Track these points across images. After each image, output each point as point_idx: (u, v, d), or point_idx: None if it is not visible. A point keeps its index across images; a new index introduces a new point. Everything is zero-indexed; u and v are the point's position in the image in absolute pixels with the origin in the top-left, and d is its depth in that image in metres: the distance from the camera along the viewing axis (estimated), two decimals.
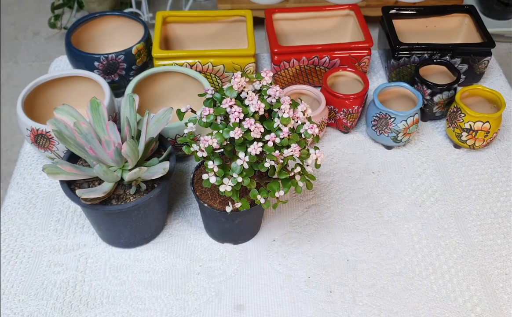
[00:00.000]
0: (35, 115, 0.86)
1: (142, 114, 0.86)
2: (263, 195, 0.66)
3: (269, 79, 0.68)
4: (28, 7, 2.54)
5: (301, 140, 0.66)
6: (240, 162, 0.63)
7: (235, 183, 0.64)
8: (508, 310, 0.72)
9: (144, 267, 0.76)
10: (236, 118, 0.63)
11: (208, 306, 0.72)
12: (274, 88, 0.65)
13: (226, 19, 1.06)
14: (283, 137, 0.63)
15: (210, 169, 0.65)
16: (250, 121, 0.63)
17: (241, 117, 0.64)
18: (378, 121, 0.90)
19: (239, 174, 0.64)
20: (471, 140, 0.90)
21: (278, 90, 0.65)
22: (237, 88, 0.66)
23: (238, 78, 0.66)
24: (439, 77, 0.98)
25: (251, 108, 0.64)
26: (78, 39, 1.02)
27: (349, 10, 1.07)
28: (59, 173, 0.69)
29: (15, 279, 0.75)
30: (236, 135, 0.63)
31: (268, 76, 0.68)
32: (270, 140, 0.63)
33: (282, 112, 0.64)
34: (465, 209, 0.85)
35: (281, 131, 0.64)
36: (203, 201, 0.73)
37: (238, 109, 0.64)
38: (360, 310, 0.72)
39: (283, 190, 0.66)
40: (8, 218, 0.82)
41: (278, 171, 0.64)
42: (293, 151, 0.63)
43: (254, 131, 0.63)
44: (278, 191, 0.66)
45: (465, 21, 1.09)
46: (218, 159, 0.66)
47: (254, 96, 0.65)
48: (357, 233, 0.81)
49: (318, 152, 0.66)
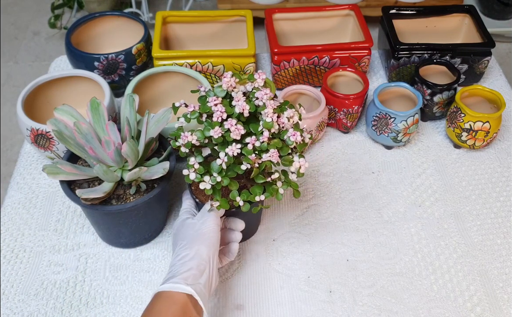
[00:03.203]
0: (35, 115, 0.86)
1: (142, 114, 0.86)
2: (243, 197, 0.66)
3: (261, 82, 0.67)
4: (28, 7, 2.54)
5: (283, 147, 0.65)
6: (219, 162, 0.63)
7: (215, 181, 0.64)
8: (508, 310, 0.72)
9: (144, 266, 0.76)
10: (218, 117, 0.63)
11: (208, 306, 0.72)
12: (263, 91, 0.65)
13: (226, 19, 1.06)
14: (263, 141, 0.63)
15: (191, 165, 0.65)
16: (232, 122, 0.62)
17: (224, 117, 0.63)
18: (378, 121, 0.90)
19: (219, 173, 0.64)
20: (471, 140, 0.90)
21: (267, 93, 0.65)
22: (226, 87, 0.66)
23: (228, 78, 0.66)
24: (439, 77, 0.98)
25: (236, 109, 0.64)
26: (78, 39, 1.02)
27: (349, 10, 1.07)
28: (59, 173, 0.69)
29: (15, 279, 0.75)
30: (215, 134, 0.63)
31: (260, 78, 0.67)
32: (250, 143, 0.63)
33: (265, 116, 0.63)
34: (465, 208, 0.85)
35: (262, 135, 0.63)
36: (199, 199, 0.73)
37: (221, 109, 0.63)
38: (360, 310, 0.72)
39: (265, 194, 0.66)
40: (8, 218, 0.82)
41: (254, 175, 0.64)
42: (271, 157, 0.62)
43: (233, 132, 0.62)
44: (259, 194, 0.66)
45: (465, 21, 1.09)
46: (200, 156, 0.66)
47: (241, 98, 0.65)
48: (357, 233, 0.81)
49: (302, 161, 0.65)
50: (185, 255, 0.64)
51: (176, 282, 0.60)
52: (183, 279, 0.60)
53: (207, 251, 0.64)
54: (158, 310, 0.58)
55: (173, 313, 0.58)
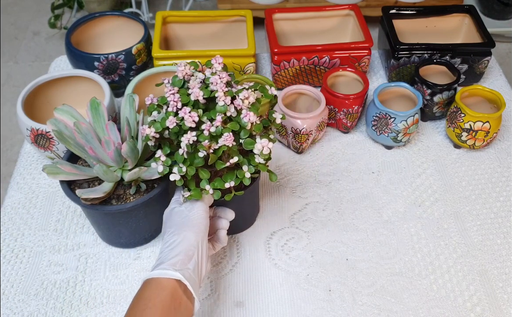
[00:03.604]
0: (35, 115, 0.86)
1: None
2: (213, 185, 0.65)
3: (218, 66, 0.66)
4: (28, 7, 2.54)
5: (243, 129, 0.63)
6: (181, 151, 0.63)
7: (181, 172, 0.63)
8: (508, 310, 0.72)
9: (144, 265, 0.76)
10: (173, 107, 0.63)
11: (208, 303, 0.72)
12: (217, 76, 0.64)
13: (226, 19, 1.06)
14: (217, 126, 0.62)
15: (157, 158, 0.65)
16: (185, 110, 0.62)
17: (179, 106, 0.63)
18: (378, 121, 0.90)
19: (183, 163, 0.64)
20: (471, 140, 0.90)
21: (222, 77, 0.63)
22: (182, 76, 0.65)
23: (182, 66, 0.65)
24: (439, 77, 0.98)
25: (191, 97, 0.63)
26: (78, 39, 1.02)
27: (349, 10, 1.08)
28: (59, 173, 0.69)
29: (15, 279, 0.75)
30: (170, 124, 0.62)
31: (217, 63, 0.66)
32: (205, 129, 0.62)
33: (218, 101, 0.62)
34: (465, 208, 0.85)
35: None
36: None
37: (175, 98, 0.63)
38: (359, 310, 0.72)
39: (234, 180, 0.65)
40: (8, 218, 0.82)
41: (211, 161, 0.63)
42: (225, 140, 0.61)
43: (187, 120, 0.62)
44: (229, 181, 0.65)
45: (465, 21, 1.09)
46: (167, 148, 0.66)
47: (196, 85, 0.64)
48: (357, 232, 0.81)
49: (264, 142, 0.63)
50: (173, 242, 0.63)
51: (164, 268, 0.60)
52: (171, 265, 0.60)
53: (195, 237, 0.64)
54: (147, 297, 0.58)
55: (162, 299, 0.58)
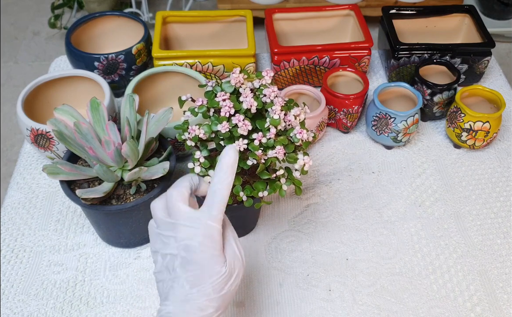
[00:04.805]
0: (35, 115, 0.86)
1: (142, 114, 0.86)
2: (246, 192, 0.66)
3: (268, 79, 0.68)
4: (28, 7, 2.54)
5: (289, 144, 0.66)
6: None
7: None
8: (508, 310, 0.72)
9: (144, 265, 0.76)
10: (226, 112, 0.64)
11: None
12: (271, 88, 0.66)
13: (226, 19, 1.06)
14: (269, 138, 0.64)
15: (196, 159, 0.66)
16: (239, 118, 0.63)
17: (232, 112, 0.64)
18: (378, 121, 0.90)
19: None
20: (471, 140, 0.90)
21: (274, 91, 0.65)
22: (235, 83, 0.66)
23: (236, 74, 0.66)
24: (439, 77, 0.98)
25: (244, 105, 0.64)
26: (78, 39, 1.02)
27: (349, 10, 1.08)
28: (59, 173, 0.69)
29: (15, 279, 0.75)
30: (223, 129, 0.63)
31: (268, 76, 0.68)
32: (257, 139, 0.63)
33: (273, 113, 0.64)
34: (465, 208, 0.85)
35: (269, 132, 0.64)
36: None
37: (229, 104, 0.64)
38: (359, 310, 0.72)
39: (268, 190, 0.66)
40: (8, 218, 0.82)
41: (259, 171, 0.65)
42: (277, 153, 0.63)
43: (241, 127, 0.63)
44: (262, 190, 0.66)
45: (465, 21, 1.09)
46: (206, 150, 0.66)
47: (249, 94, 0.65)
48: (357, 232, 0.81)
49: (306, 159, 0.66)
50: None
51: None
52: None
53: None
54: None
55: None
